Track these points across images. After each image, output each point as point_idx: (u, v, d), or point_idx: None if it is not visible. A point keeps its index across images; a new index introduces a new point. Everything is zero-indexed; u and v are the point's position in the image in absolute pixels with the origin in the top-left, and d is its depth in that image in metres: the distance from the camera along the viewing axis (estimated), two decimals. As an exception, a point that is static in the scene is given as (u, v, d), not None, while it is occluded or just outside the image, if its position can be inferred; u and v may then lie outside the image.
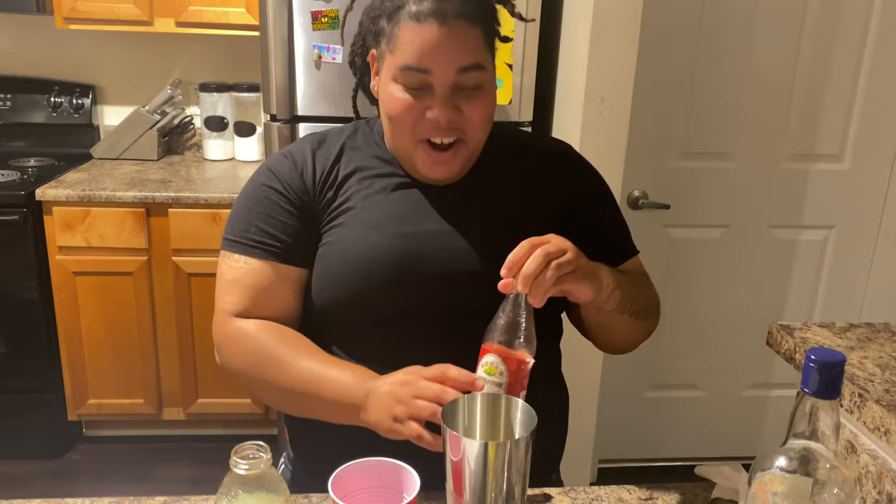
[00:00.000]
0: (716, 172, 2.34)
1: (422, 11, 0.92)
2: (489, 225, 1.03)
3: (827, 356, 0.66)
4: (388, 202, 1.03)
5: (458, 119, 0.97)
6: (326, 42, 2.11)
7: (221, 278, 1.03)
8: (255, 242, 1.01)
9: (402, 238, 1.00)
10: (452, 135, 0.98)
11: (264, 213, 1.02)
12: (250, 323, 1.01)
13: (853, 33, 2.24)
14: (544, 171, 1.10)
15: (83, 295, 2.45)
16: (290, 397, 0.99)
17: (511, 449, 0.78)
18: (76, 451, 2.64)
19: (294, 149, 1.08)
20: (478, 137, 1.02)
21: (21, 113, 2.82)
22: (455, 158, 1.00)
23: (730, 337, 2.50)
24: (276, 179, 1.04)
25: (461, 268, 0.99)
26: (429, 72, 0.94)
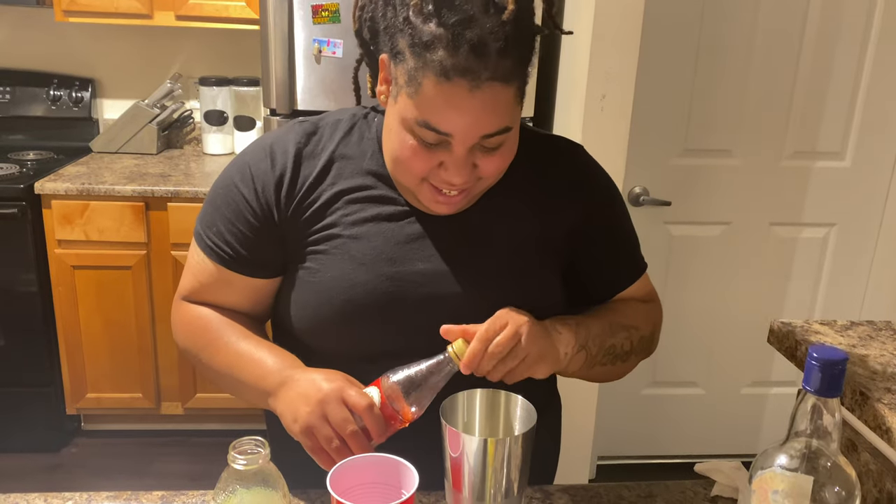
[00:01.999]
0: (717, 169, 2.33)
1: (452, 68, 0.79)
2: (488, 264, 0.95)
3: (829, 354, 0.66)
4: (378, 234, 0.94)
5: (472, 176, 0.88)
6: (327, 36, 2.10)
7: (187, 261, 1.03)
8: (211, 244, 0.97)
9: (389, 281, 0.92)
10: (465, 185, 0.89)
11: (227, 218, 0.96)
12: (201, 308, 1.01)
13: (855, 30, 2.23)
14: (559, 191, 0.99)
15: (82, 289, 2.44)
16: (221, 377, 0.98)
17: (510, 445, 0.78)
18: (74, 445, 2.64)
19: (278, 144, 0.97)
20: (491, 182, 0.92)
21: (20, 106, 2.81)
22: (464, 198, 0.91)
23: (729, 334, 2.49)
24: (249, 183, 0.95)
25: (449, 315, 0.88)
26: (449, 135, 0.83)
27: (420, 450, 0.85)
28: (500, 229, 0.97)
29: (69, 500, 0.90)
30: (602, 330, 0.96)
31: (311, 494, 0.93)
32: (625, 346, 0.99)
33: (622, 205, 1.07)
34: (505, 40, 0.79)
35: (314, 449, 0.84)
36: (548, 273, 0.98)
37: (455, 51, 0.78)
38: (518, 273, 0.96)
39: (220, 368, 0.97)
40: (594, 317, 0.98)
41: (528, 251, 0.97)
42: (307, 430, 0.83)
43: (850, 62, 2.26)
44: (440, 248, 0.95)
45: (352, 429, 0.81)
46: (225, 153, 2.87)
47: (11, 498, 0.90)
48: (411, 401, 0.83)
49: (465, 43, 0.78)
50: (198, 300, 1.01)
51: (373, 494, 0.79)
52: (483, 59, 0.79)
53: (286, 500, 0.76)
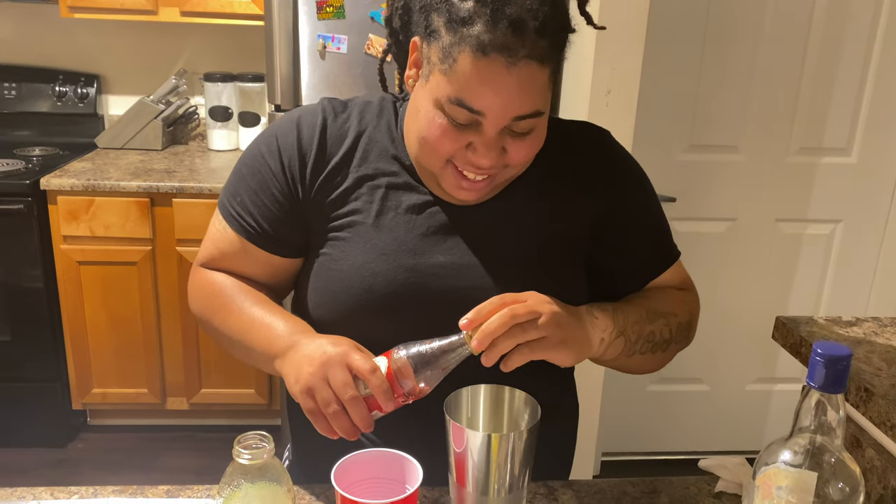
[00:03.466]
0: (722, 166, 2.33)
1: (490, 44, 0.78)
2: (509, 259, 0.94)
3: (833, 350, 0.66)
4: (400, 224, 0.94)
5: (500, 160, 0.87)
6: (331, 32, 2.10)
7: (208, 229, 1.02)
8: (235, 214, 0.97)
9: (409, 272, 0.92)
10: (492, 170, 0.88)
11: (252, 190, 0.96)
12: (217, 273, 1.00)
13: (862, 25, 2.22)
14: (584, 181, 0.98)
15: (87, 284, 2.45)
16: (231, 341, 0.97)
17: (514, 441, 0.78)
18: (80, 440, 2.65)
19: (306, 119, 0.97)
20: (517, 171, 0.91)
21: (26, 102, 2.82)
22: (487, 185, 0.90)
23: (734, 331, 2.49)
24: (276, 154, 0.95)
25: (469, 306, 0.84)
26: (482, 114, 0.82)
27: (424, 445, 0.85)
28: (524, 223, 0.96)
29: (75, 494, 0.91)
30: (640, 316, 0.94)
31: (316, 489, 0.93)
32: (664, 334, 0.97)
33: (650, 191, 1.05)
34: (543, 20, 0.79)
35: (313, 412, 0.82)
36: (570, 267, 0.98)
37: (494, 26, 0.78)
38: (540, 268, 0.95)
39: (231, 332, 0.96)
40: (631, 303, 0.96)
41: (551, 245, 0.96)
42: (307, 391, 0.82)
43: (856, 57, 2.25)
44: (462, 241, 0.94)
45: (351, 394, 0.79)
46: (230, 149, 2.88)
47: (18, 492, 0.91)
48: (419, 377, 0.80)
49: (504, 18, 0.78)
50: (216, 268, 1.01)
51: (377, 489, 0.79)
52: (521, 36, 0.78)
53: (290, 494, 0.76)
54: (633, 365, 0.98)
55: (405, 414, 0.94)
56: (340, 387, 0.80)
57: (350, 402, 0.80)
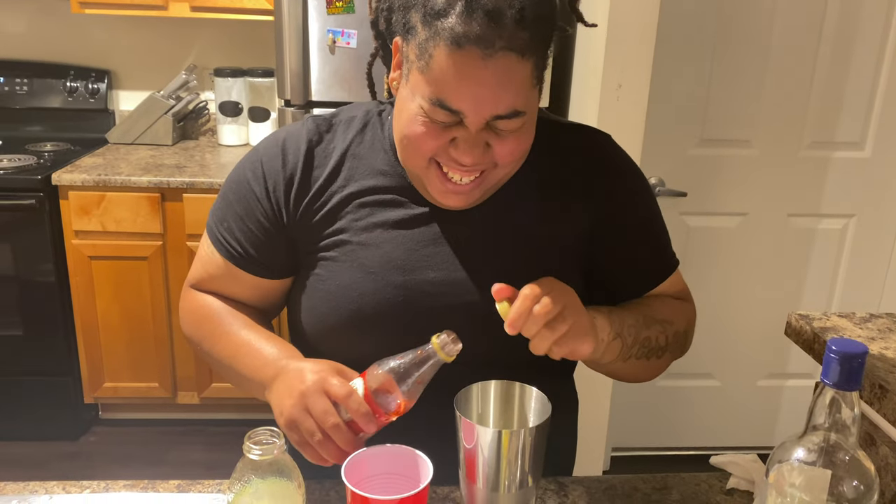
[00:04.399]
0: (734, 160, 2.31)
1: (465, 35, 0.75)
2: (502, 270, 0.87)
3: (848, 347, 0.65)
4: (388, 240, 0.92)
5: (484, 158, 0.83)
6: (341, 27, 2.10)
7: (197, 251, 1.03)
8: (221, 239, 0.97)
9: (398, 289, 0.91)
10: (475, 173, 0.85)
11: (238, 215, 0.96)
12: (207, 296, 1.01)
13: (876, 18, 2.19)
14: (581, 187, 0.96)
15: (99, 279, 2.46)
16: (223, 367, 0.97)
17: (525, 437, 0.78)
18: (92, 434, 2.67)
19: (290, 141, 0.95)
20: (506, 172, 0.88)
21: (37, 98, 2.83)
22: (475, 190, 0.87)
23: (746, 326, 2.47)
24: (261, 180, 0.94)
25: (461, 322, 0.85)
26: (462, 114, 0.80)
27: (435, 441, 0.85)
28: (519, 231, 0.93)
29: (87, 488, 0.91)
30: (636, 321, 0.92)
31: (326, 484, 0.94)
32: (660, 341, 0.95)
33: (652, 199, 1.02)
34: (522, 10, 0.76)
35: (300, 443, 0.81)
36: (568, 274, 0.93)
37: (468, 17, 0.75)
38: (534, 277, 0.90)
39: (221, 358, 0.97)
40: (627, 308, 0.94)
41: (547, 253, 0.94)
42: (290, 425, 0.81)
43: (869, 51, 2.22)
44: (452, 254, 0.92)
45: (333, 421, 0.78)
46: (240, 144, 2.88)
47: (31, 486, 0.91)
48: (396, 392, 0.79)
49: (479, 8, 0.75)
50: (206, 290, 1.02)
51: (387, 485, 0.79)
52: (498, 26, 0.75)
53: (301, 490, 0.76)
54: (627, 371, 0.95)
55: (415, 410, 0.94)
56: (321, 415, 0.79)
57: (332, 430, 0.79)
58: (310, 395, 0.80)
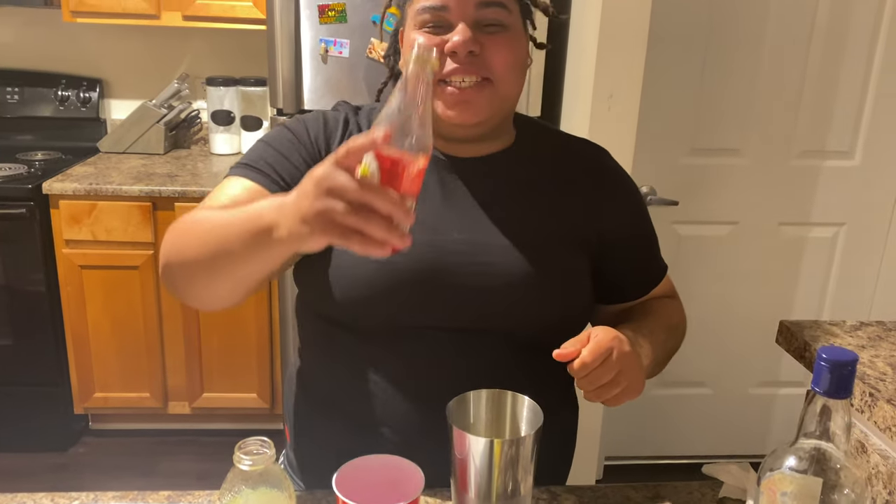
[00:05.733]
0: (725, 169, 2.32)
1: None
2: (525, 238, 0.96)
3: (838, 355, 0.65)
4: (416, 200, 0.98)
5: (479, 54, 0.90)
6: (333, 36, 2.10)
7: (212, 193, 0.96)
8: (258, 169, 0.95)
9: (426, 247, 0.93)
10: (474, 72, 0.91)
11: (278, 152, 0.97)
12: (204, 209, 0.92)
13: (864, 28, 2.21)
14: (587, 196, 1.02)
15: (89, 288, 2.45)
16: (207, 248, 0.84)
17: (517, 446, 0.77)
18: (82, 445, 2.65)
19: (329, 112, 1.04)
20: (506, 80, 0.94)
21: (28, 106, 2.82)
22: (479, 96, 0.92)
23: (738, 334, 2.48)
24: (303, 129, 1.00)
25: (488, 283, 0.93)
26: (446, 8, 0.90)
27: (426, 450, 0.85)
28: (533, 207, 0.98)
29: (76, 500, 0.90)
30: (666, 336, 1.00)
31: (318, 494, 0.93)
32: (676, 346, 1.03)
33: (645, 208, 1.10)
34: None
35: (343, 234, 0.68)
36: (580, 256, 1.00)
37: None
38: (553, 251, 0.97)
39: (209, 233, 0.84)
40: (654, 321, 1.01)
41: (562, 234, 0.99)
42: (320, 218, 0.68)
43: (859, 60, 2.24)
44: (476, 218, 0.96)
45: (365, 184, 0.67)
46: (232, 153, 2.88)
47: (19, 497, 0.90)
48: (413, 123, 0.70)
49: None
50: None
51: (378, 495, 0.79)
52: None
53: (292, 500, 0.76)
54: None
55: (408, 419, 0.94)
56: (349, 185, 0.67)
57: (371, 195, 0.67)
58: (326, 177, 0.68)
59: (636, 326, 0.95)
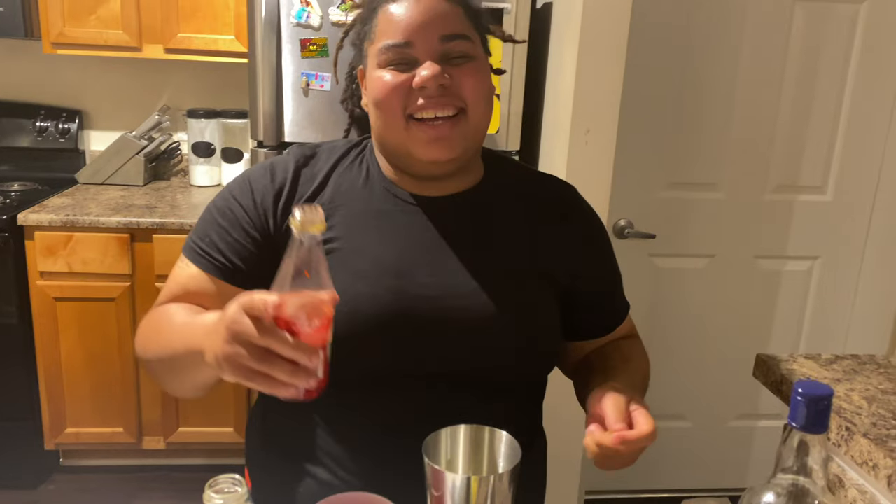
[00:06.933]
0: (701, 203, 2.35)
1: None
2: (492, 280, 0.95)
3: (814, 389, 0.66)
4: (379, 244, 0.94)
5: (448, 85, 0.90)
6: (315, 70, 2.12)
7: (170, 275, 1.00)
8: (203, 253, 0.95)
9: (394, 294, 0.92)
10: (447, 104, 0.90)
11: (222, 227, 0.96)
12: (168, 304, 0.96)
13: (835, 67, 2.28)
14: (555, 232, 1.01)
15: (63, 321, 2.41)
16: (162, 360, 0.89)
17: (494, 483, 0.77)
18: (52, 482, 2.58)
19: (278, 162, 1.00)
20: (478, 110, 0.93)
21: (6, 137, 2.80)
22: (454, 131, 0.91)
23: (716, 367, 2.49)
24: (248, 194, 0.96)
25: (455, 325, 0.92)
26: (410, 44, 0.89)
27: (402, 488, 0.84)
28: (502, 249, 0.98)
29: (42, 540, 0.87)
30: (643, 384, 1.02)
31: (292, 533, 0.91)
32: (643, 378, 1.04)
33: (611, 246, 1.10)
34: None
35: (248, 375, 0.71)
36: (548, 297, 1.00)
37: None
38: (521, 291, 0.97)
39: (164, 346, 0.88)
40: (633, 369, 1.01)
41: (531, 274, 0.99)
42: (228, 360, 0.71)
43: (829, 98, 2.30)
44: (442, 260, 0.95)
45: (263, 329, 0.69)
46: (212, 185, 2.87)
47: (-17, 539, 0.87)
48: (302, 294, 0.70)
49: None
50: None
51: (354, 534, 0.77)
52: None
53: (265, 540, 0.74)
54: None
55: (382, 455, 0.93)
56: (249, 331, 0.69)
57: (268, 339, 0.69)
58: (233, 322, 0.70)
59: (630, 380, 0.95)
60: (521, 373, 0.96)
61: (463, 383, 0.91)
